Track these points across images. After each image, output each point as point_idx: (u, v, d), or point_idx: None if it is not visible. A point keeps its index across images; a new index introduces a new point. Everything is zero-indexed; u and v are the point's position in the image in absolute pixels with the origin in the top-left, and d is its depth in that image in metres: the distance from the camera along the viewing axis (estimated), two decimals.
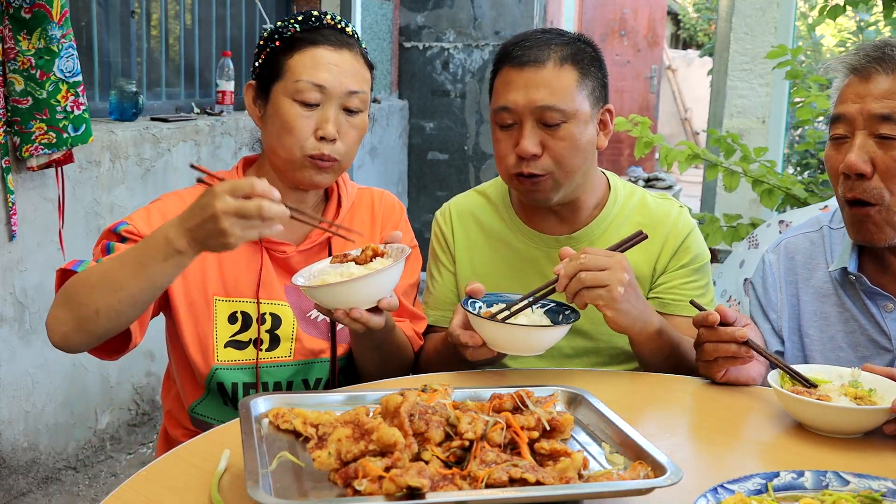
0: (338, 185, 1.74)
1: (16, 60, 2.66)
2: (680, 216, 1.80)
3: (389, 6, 5.54)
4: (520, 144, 1.65)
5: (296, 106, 1.58)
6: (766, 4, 5.12)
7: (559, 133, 1.65)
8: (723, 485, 1.08)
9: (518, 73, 1.66)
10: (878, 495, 1.09)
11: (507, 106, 1.67)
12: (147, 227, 1.53)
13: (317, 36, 1.60)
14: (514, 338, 1.48)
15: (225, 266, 1.62)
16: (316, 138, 1.58)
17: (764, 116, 5.21)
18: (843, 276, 1.64)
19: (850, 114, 1.52)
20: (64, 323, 1.40)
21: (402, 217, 1.81)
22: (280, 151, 1.60)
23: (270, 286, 1.64)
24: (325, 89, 1.58)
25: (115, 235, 1.53)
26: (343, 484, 0.99)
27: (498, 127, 1.71)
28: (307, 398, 1.25)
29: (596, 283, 1.47)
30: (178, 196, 1.65)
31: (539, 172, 1.66)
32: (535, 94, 1.64)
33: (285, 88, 1.59)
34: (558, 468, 1.04)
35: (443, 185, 5.85)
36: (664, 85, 12.73)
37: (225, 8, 4.31)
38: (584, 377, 1.58)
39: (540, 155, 1.65)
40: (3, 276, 2.83)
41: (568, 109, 1.64)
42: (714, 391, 1.55)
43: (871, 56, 1.52)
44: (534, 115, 1.65)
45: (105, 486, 3.18)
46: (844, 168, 1.52)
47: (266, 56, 1.63)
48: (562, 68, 1.65)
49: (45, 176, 2.90)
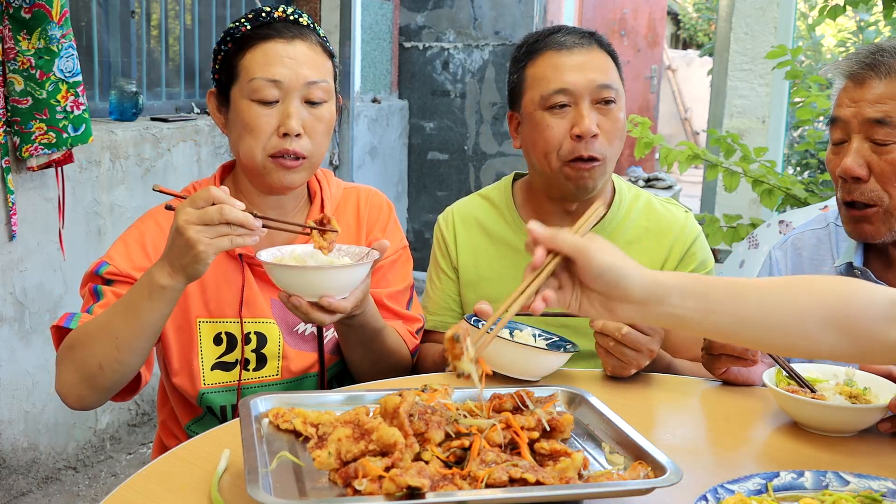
0: (320, 186, 1.68)
1: (16, 60, 2.66)
2: (686, 221, 1.80)
3: (389, 6, 5.53)
4: (580, 125, 1.65)
5: (254, 106, 1.51)
6: (766, 4, 5.12)
7: (612, 113, 1.68)
8: (723, 485, 1.08)
9: (568, 55, 1.69)
10: (878, 495, 1.09)
11: (564, 87, 1.67)
12: (128, 263, 1.50)
13: (268, 31, 1.54)
14: (514, 357, 1.47)
15: (207, 287, 1.57)
16: (279, 136, 1.51)
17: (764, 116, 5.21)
18: (849, 271, 1.66)
19: (845, 118, 1.55)
20: (74, 385, 1.40)
21: (391, 217, 1.75)
22: (244, 156, 1.55)
23: (254, 304, 1.59)
24: (282, 84, 1.51)
25: (98, 278, 1.50)
26: (343, 484, 0.99)
27: (546, 113, 1.69)
28: (307, 398, 1.25)
29: (618, 356, 1.49)
30: (153, 221, 1.58)
31: (597, 155, 1.67)
32: (591, 73, 1.67)
33: (241, 89, 1.53)
34: (558, 468, 1.04)
35: (443, 185, 5.85)
36: (664, 85, 12.72)
37: (225, 8, 4.31)
38: (585, 377, 1.58)
39: (598, 136, 1.67)
40: (3, 276, 2.83)
41: (620, 89, 1.70)
42: (714, 391, 1.55)
43: (865, 62, 1.54)
44: (592, 95, 1.67)
45: (105, 486, 3.18)
46: (841, 172, 1.54)
47: (221, 59, 1.58)
48: (603, 53, 1.72)
49: (45, 176, 2.90)
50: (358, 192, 1.74)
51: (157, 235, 1.55)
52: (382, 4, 5.43)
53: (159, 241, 1.53)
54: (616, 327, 1.46)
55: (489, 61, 5.65)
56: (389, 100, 5.65)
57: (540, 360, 1.49)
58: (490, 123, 5.70)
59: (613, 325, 1.47)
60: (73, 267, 3.07)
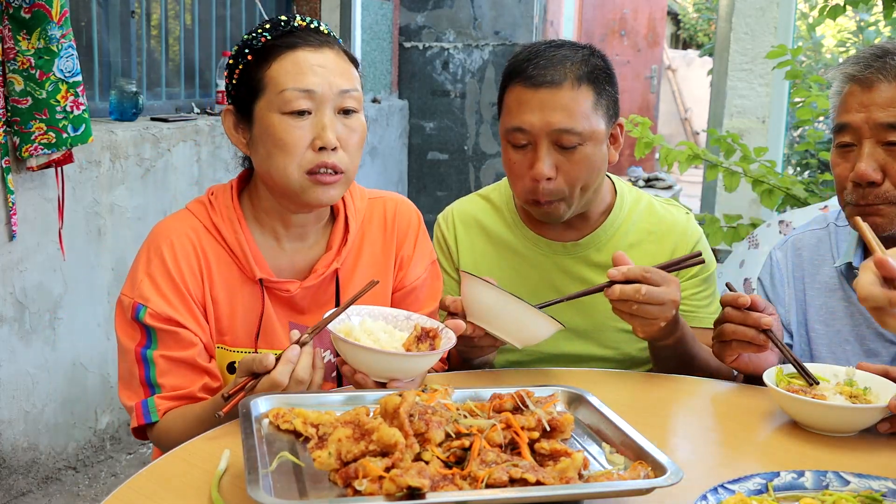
0: (344, 201, 1.58)
1: (15, 60, 2.66)
2: (688, 224, 1.80)
3: (389, 6, 5.53)
4: (535, 167, 1.60)
5: (285, 119, 1.42)
6: (766, 4, 5.13)
7: (575, 156, 1.60)
8: (723, 485, 1.08)
9: (533, 94, 1.59)
10: (878, 495, 1.09)
11: (521, 127, 1.61)
12: (164, 304, 1.43)
13: (293, 39, 1.45)
14: (511, 316, 1.44)
15: (222, 313, 1.50)
16: (314, 150, 1.43)
17: (764, 116, 5.22)
18: (849, 270, 1.67)
19: (855, 123, 1.54)
20: None
21: (419, 230, 1.66)
22: (275, 175, 1.44)
23: (272, 334, 1.51)
24: (315, 94, 1.42)
25: (139, 326, 1.43)
26: (343, 484, 0.99)
27: (511, 146, 1.65)
28: (307, 398, 1.25)
29: (643, 315, 1.47)
30: (167, 241, 1.48)
31: (554, 197, 1.62)
32: (552, 116, 1.58)
33: (269, 103, 1.43)
34: (558, 468, 1.04)
35: (443, 185, 5.85)
36: (664, 85, 12.72)
37: (225, 8, 4.31)
38: (585, 377, 1.58)
39: (555, 178, 1.61)
40: (3, 276, 2.83)
41: (584, 132, 1.59)
42: (714, 391, 1.55)
43: (873, 65, 1.53)
44: (550, 138, 1.59)
45: (105, 486, 3.18)
46: (855, 177, 1.54)
47: (240, 73, 1.48)
48: (578, 89, 1.60)
49: (45, 176, 2.90)
50: (385, 203, 1.65)
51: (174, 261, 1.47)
52: (382, 4, 5.43)
53: (182, 258, 1.47)
54: (634, 289, 1.45)
55: (489, 61, 5.65)
56: (389, 100, 5.65)
57: (539, 321, 1.46)
58: (490, 123, 5.70)
59: (631, 289, 1.45)
60: (72, 267, 3.07)
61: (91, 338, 3.20)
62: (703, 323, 1.74)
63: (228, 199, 1.53)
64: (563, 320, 1.79)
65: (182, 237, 1.49)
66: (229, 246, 1.50)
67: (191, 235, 1.49)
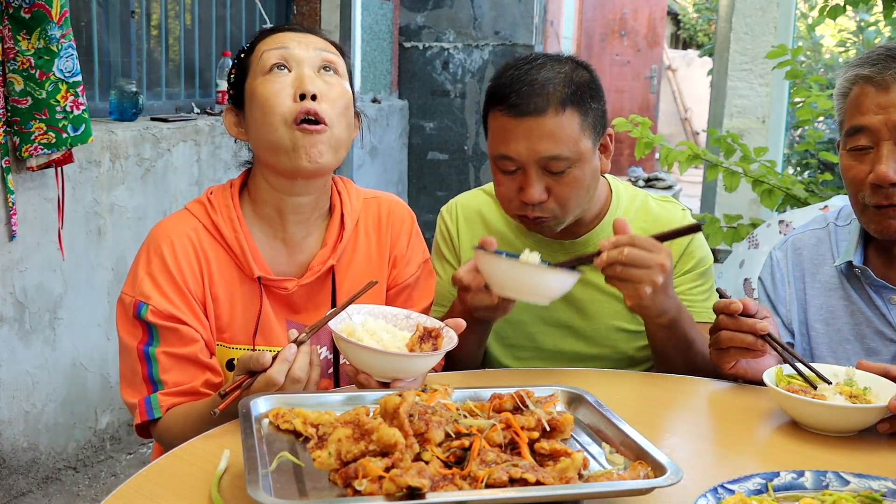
0: (340, 199, 1.62)
1: (15, 60, 2.66)
2: (684, 220, 1.80)
3: (389, 6, 5.54)
4: (525, 192, 1.59)
5: (266, 78, 1.48)
6: (766, 4, 5.13)
7: (565, 179, 1.59)
8: (723, 485, 1.08)
9: (517, 123, 1.57)
10: (878, 495, 1.09)
11: (508, 155, 1.59)
12: (166, 301, 1.45)
13: (279, 28, 1.56)
14: (520, 277, 1.43)
15: (222, 311, 1.52)
16: (295, 100, 1.46)
17: (764, 116, 5.21)
18: (849, 269, 1.67)
19: (873, 125, 1.53)
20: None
21: (412, 230, 1.70)
22: (267, 137, 1.47)
23: (269, 332, 1.53)
24: (292, 52, 1.49)
25: (141, 324, 1.45)
26: (343, 484, 0.99)
27: (499, 170, 1.64)
28: (307, 398, 1.25)
29: (628, 278, 1.46)
30: (167, 241, 1.50)
31: (545, 216, 1.63)
32: (538, 144, 1.56)
33: (254, 73, 1.50)
34: (558, 468, 1.04)
35: (443, 185, 5.85)
36: (664, 85, 12.72)
37: (225, 8, 4.31)
38: (585, 377, 1.58)
39: (546, 200, 1.61)
40: (3, 276, 2.83)
41: (572, 156, 1.58)
42: (714, 391, 1.55)
43: (889, 66, 1.53)
44: (538, 164, 1.58)
45: (105, 486, 3.18)
46: (876, 179, 1.52)
47: (235, 72, 1.57)
48: (563, 114, 1.57)
49: (45, 176, 2.90)
50: (379, 202, 1.68)
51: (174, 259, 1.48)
52: (382, 4, 5.43)
53: (182, 257, 1.48)
54: (618, 252, 1.45)
55: (489, 61, 5.65)
56: (389, 100, 5.65)
57: (549, 277, 1.44)
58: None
59: (616, 251, 1.45)
60: (72, 267, 3.07)
61: (91, 338, 3.21)
62: (701, 317, 1.74)
63: (227, 198, 1.55)
64: (564, 320, 1.79)
65: (182, 236, 1.50)
66: (228, 245, 1.52)
67: (190, 235, 1.51)
